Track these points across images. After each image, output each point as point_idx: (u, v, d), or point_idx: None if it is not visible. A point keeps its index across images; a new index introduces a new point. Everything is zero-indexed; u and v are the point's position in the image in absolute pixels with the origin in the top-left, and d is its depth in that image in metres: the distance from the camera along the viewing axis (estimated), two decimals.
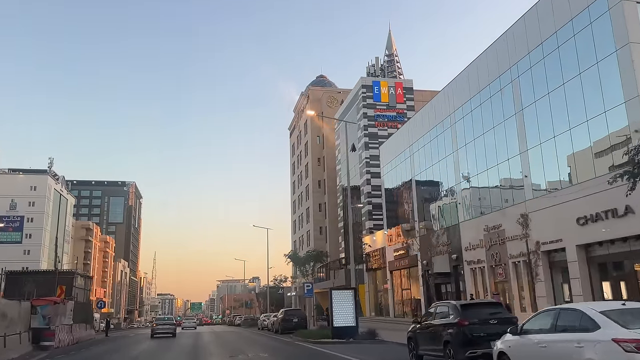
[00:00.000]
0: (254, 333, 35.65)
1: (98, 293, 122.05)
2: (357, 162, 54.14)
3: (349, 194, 25.68)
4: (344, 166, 58.55)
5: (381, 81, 53.62)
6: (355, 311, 21.20)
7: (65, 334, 23.43)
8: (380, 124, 52.70)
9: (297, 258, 40.88)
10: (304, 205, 73.53)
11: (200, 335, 35.89)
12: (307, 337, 22.39)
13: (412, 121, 38.18)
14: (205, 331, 46.85)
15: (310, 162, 70.22)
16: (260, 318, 42.44)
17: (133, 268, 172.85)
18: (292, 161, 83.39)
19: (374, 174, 51.59)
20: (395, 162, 41.14)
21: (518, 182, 25.51)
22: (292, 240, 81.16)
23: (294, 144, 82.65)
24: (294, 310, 32.91)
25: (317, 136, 70.31)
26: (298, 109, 79.20)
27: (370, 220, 50.49)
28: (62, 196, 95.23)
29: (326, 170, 67.65)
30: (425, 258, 34.79)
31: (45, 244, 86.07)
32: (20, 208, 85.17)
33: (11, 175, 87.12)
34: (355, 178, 54.73)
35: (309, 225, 69.92)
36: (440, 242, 32.82)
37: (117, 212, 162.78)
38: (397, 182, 40.95)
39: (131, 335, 39.63)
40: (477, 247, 28.41)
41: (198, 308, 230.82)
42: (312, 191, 68.76)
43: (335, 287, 22.37)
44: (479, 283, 29.09)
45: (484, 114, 28.39)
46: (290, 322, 30.29)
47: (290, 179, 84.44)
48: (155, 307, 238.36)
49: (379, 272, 45.35)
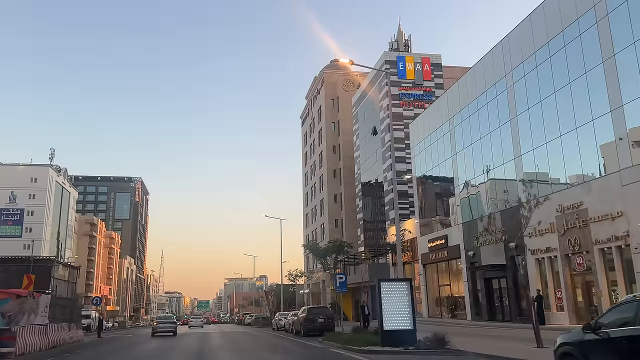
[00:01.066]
0: (269, 335, 30.14)
1: (103, 290, 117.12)
2: (379, 146, 48.60)
3: (393, 160, 20.03)
4: (364, 151, 53.07)
5: (406, 56, 48.01)
6: (413, 310, 15.68)
7: (36, 337, 18.05)
8: (406, 104, 47.13)
9: (317, 249, 35.25)
10: (317, 197, 68.07)
11: (208, 336, 30.50)
12: (347, 343, 16.88)
13: (454, 89, 32.59)
14: (214, 331, 41.46)
15: (324, 151, 64.74)
16: (275, 317, 36.87)
17: (140, 265, 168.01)
18: (305, 151, 77.92)
19: (399, 159, 45.93)
20: (430, 139, 35.54)
21: (609, 148, 19.85)
22: (305, 234, 75.67)
23: (306, 133, 77.19)
24: (319, 309, 27.37)
25: (332, 123, 64.81)
26: (311, 96, 73.73)
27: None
28: (64, 189, 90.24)
29: (342, 159, 62.18)
30: (471, 248, 29.23)
31: (46, 238, 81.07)
32: (20, 200, 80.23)
33: (11, 167, 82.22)
34: (377, 164, 49.23)
35: (323, 217, 64.44)
36: (491, 228, 27.20)
37: (124, 208, 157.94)
38: (431, 162, 35.34)
39: (129, 335, 34.26)
40: (545, 232, 22.82)
41: (205, 306, 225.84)
42: (327, 181, 63.28)
43: (385, 279, 16.84)
44: (547, 276, 23.50)
45: (556, 67, 22.78)
46: (315, 322, 24.78)
47: (302, 170, 78.97)
48: (163, 305, 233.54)
49: (407, 266, 39.80)
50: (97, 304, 37.68)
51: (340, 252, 34.51)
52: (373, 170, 50.12)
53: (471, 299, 29.34)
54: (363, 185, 53.06)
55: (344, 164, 61.85)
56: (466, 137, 30.28)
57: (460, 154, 31.07)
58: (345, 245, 34.25)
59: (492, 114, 27.74)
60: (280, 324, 34.35)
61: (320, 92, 67.68)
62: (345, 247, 34.17)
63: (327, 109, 64.94)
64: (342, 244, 34.39)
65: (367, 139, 52.37)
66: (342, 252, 35.07)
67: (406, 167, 45.80)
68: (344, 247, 33.89)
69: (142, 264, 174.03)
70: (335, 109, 64.83)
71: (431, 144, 35.21)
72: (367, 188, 51.95)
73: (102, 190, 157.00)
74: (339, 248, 34.05)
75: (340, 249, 34.20)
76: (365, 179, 52.31)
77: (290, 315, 31.90)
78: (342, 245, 34.03)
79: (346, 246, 34.45)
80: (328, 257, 35.34)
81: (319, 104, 67.93)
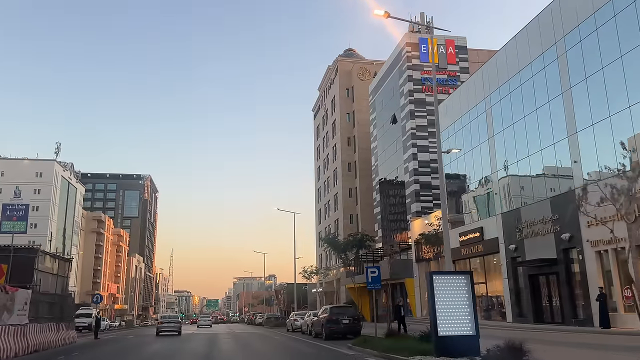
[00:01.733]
0: (286, 337, 26.80)
1: (111, 288, 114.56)
2: (399, 135, 45.14)
3: (439, 133, 16.57)
4: (382, 142, 49.65)
5: (429, 38, 44.38)
6: (474, 311, 12.30)
7: (10, 340, 14.88)
8: (429, 89, 43.64)
9: (336, 243, 31.91)
10: (331, 192, 64.72)
11: (217, 338, 27.29)
12: (388, 350, 13.53)
13: (491, 64, 29.05)
14: (223, 332, 38.25)
15: (338, 143, 61.38)
16: (290, 317, 33.48)
17: (148, 264, 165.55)
18: (317, 145, 74.58)
19: (422, 148, 42.61)
20: (462, 121, 32.00)
21: None
22: (317, 231, 72.34)
23: (318, 126, 73.85)
24: (343, 308, 23.88)
25: (346, 114, 61.43)
26: (323, 86, 70.37)
27: (418, 202, 41.45)
28: (70, 184, 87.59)
29: (358, 151, 58.80)
30: (512, 241, 25.72)
31: (52, 234, 78.35)
32: (25, 196, 77.64)
33: (16, 161, 79.62)
34: (396, 155, 45.78)
35: (337, 213, 61.09)
36: (538, 218, 23.72)
37: (132, 206, 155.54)
38: (463, 146, 31.78)
39: (129, 337, 31.07)
40: (609, 219, 19.27)
41: (214, 305, 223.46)
42: (341, 175, 59.91)
43: (438, 272, 13.49)
44: (612, 271, 19.95)
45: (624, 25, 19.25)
46: (338, 323, 21.41)
47: (315, 165, 75.62)
48: (172, 304, 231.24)
49: (433, 262, 36.30)
50: (97, 301, 34.54)
51: (362, 246, 31.28)
52: (392, 161, 46.70)
53: (512, 298, 25.84)
54: (381, 177, 49.61)
55: (359, 156, 58.50)
56: (506, 116, 26.77)
57: (499, 135, 27.55)
58: (367, 239, 31.01)
59: (539, 88, 24.22)
60: (296, 325, 31.03)
61: (334, 81, 64.34)
62: (367, 240, 30.94)
63: (341, 99, 61.59)
64: (363, 237, 31.16)
65: (385, 128, 48.99)
66: (364, 247, 31.82)
67: (430, 157, 42.44)
68: (365, 240, 30.67)
69: (150, 262, 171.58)
70: (350, 99, 61.45)
71: (464, 126, 31.71)
72: (385, 181, 48.52)
73: (110, 188, 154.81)
74: (360, 242, 30.84)
75: (362, 243, 30.99)
76: (384, 171, 48.87)
77: (307, 316, 28.52)
78: (363, 238, 30.80)
79: (368, 240, 31.21)
80: (348, 252, 32.10)
81: (333, 94, 64.58)
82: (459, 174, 33.22)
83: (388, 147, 47.92)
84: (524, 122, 25.38)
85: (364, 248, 32.80)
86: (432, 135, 42.84)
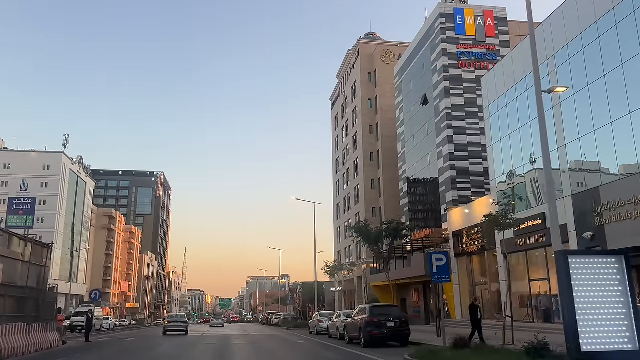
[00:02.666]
0: (313, 342, 22.23)
1: (122, 286, 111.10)
2: (431, 116, 40.38)
3: (536, 59, 11.67)
4: (410, 126, 44.91)
5: (465, 8, 39.69)
6: (636, 313, 7.71)
7: None
8: (465, 64, 38.85)
9: (368, 232, 27.20)
10: (351, 184, 60.08)
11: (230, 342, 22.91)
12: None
13: (556, 17, 24.07)
14: (236, 334, 33.87)
15: (360, 132, 56.73)
16: (314, 318, 28.77)
17: (161, 262, 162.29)
18: (335, 135, 69.99)
19: (458, 129, 37.80)
20: (515, 91, 27.11)
21: None
22: (336, 226, 67.78)
23: (337, 115, 69.27)
24: (387, 308, 19.12)
25: (368, 99, 56.76)
26: (343, 72, 65.80)
27: (454, 190, 36.63)
28: (79, 178, 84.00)
29: (380, 139, 54.11)
30: (588, 228, 20.85)
31: (59, 229, 74.78)
32: (32, 189, 74.09)
33: (22, 153, 76.16)
34: (428, 139, 41.04)
35: (359, 206, 56.45)
36: (626, 198, 18.87)
37: (145, 203, 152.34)
38: (517, 122, 26.93)
39: (129, 339, 26.62)
40: None
41: (228, 304, 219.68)
42: (363, 165, 55.24)
43: (575, 252, 8.98)
44: None
45: None
46: (382, 327, 16.78)
47: (333, 157, 71.03)
48: (185, 303, 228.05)
49: (476, 257, 31.52)
50: (96, 298, 30.33)
51: (397, 236, 26.63)
52: (422, 146, 41.95)
53: None
54: (408, 166, 44.85)
55: (382, 145, 53.81)
56: (578, 78, 21.91)
57: (567, 102, 22.68)
58: (403, 228, 26.34)
59: (625, 39, 19.35)
60: (321, 327, 26.47)
61: (354, 66, 59.74)
62: (402, 229, 26.27)
63: (362, 84, 56.93)
64: (399, 225, 26.46)
65: (413, 111, 44.25)
66: (399, 236, 27.15)
67: (467, 140, 37.68)
68: (401, 229, 26.00)
69: (163, 260, 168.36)
70: (372, 84, 56.78)
71: (517, 97, 26.82)
72: (414, 169, 43.74)
73: (123, 185, 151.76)
74: (395, 231, 26.18)
75: (397, 232, 26.32)
76: (412, 158, 44.11)
77: (336, 317, 23.91)
78: (399, 227, 26.12)
79: (404, 229, 26.54)
80: (380, 243, 27.51)
81: (353, 79, 59.97)
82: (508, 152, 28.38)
83: (417, 132, 43.18)
84: (603, 83, 20.51)
85: (399, 238, 28.13)
86: (469, 116, 38.09)
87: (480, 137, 37.59)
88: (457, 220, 33.20)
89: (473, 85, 38.52)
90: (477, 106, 38.12)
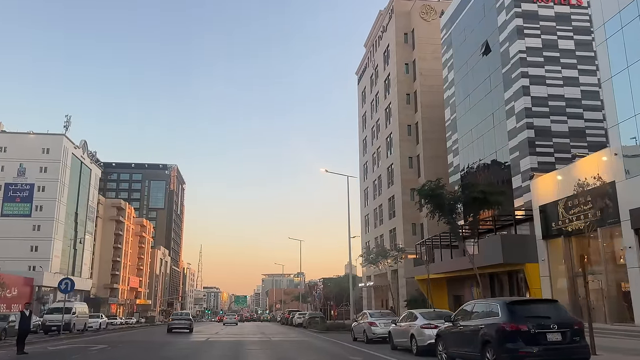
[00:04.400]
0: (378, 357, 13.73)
1: (132, 282, 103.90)
2: (497, 66, 31.74)
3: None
4: (464, 85, 36.28)
5: None
6: None
7: None
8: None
9: (441, 196, 18.48)
10: (383, 164, 51.60)
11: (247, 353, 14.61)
12: None
13: None
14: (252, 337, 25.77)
15: (394, 102, 48.23)
16: (361, 321, 19.97)
17: (175, 257, 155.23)
18: (362, 113, 61.53)
19: (536, 79, 29.12)
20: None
21: None
22: (363, 215, 59.31)
23: (364, 89, 60.79)
24: (539, 305, 10.19)
25: (404, 64, 48.19)
26: (372, 38, 57.33)
27: (532, 154, 27.93)
28: (83, 164, 76.75)
29: (420, 109, 45.51)
30: None
31: (59, 218, 67.56)
32: (30, 174, 66.99)
33: (20, 135, 68.96)
34: (492, 96, 32.45)
35: (393, 188, 47.97)
36: None
37: (158, 197, 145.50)
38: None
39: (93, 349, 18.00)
40: None
41: (243, 302, 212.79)
42: (399, 141, 46.71)
43: None
44: None
45: None
46: (538, 341, 8.50)
47: (360, 137, 62.57)
48: (200, 300, 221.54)
49: (578, 239, 22.82)
50: (66, 289, 22.35)
51: (486, 203, 18.16)
52: (482, 107, 33.36)
53: None
54: (462, 133, 36.27)
55: (422, 115, 45.22)
56: None
57: None
58: (497, 193, 17.80)
59: None
60: (375, 333, 18.13)
61: (387, 28, 51.22)
62: (497, 194, 17.71)
63: (397, 47, 48.37)
64: (490, 191, 17.87)
65: (469, 65, 35.65)
66: (491, 205, 18.66)
67: (547, 92, 29.00)
68: (495, 194, 17.45)
69: (177, 256, 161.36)
70: (409, 46, 48.21)
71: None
72: (469, 136, 35.15)
73: (136, 178, 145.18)
74: (483, 200, 17.62)
75: (485, 200, 17.77)
76: (467, 123, 35.55)
77: (405, 319, 15.48)
78: (491, 191, 17.55)
79: (498, 195, 17.98)
80: (455, 214, 19.07)
81: (386, 43, 51.45)
82: None
83: (474, 91, 34.58)
84: None
85: (490, 207, 19.47)
86: (550, 62, 29.39)
87: (565, 88, 29.04)
88: (547, 191, 24.53)
89: (552, 24, 29.88)
90: (558, 50, 29.53)
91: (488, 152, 32.51)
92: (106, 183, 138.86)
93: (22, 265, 61.21)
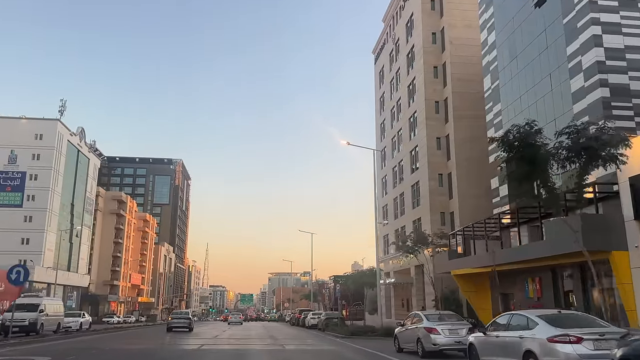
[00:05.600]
0: None
1: (134, 279, 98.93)
2: (556, 16, 26.04)
3: None
4: (510, 46, 30.60)
5: None
6: None
7: None
8: None
9: (536, 146, 12.82)
10: (405, 148, 45.99)
11: None
12: None
13: None
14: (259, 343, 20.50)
15: (420, 76, 42.60)
16: (410, 324, 14.40)
17: (180, 254, 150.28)
18: (380, 94, 55.93)
19: (610, 27, 23.48)
20: None
21: None
22: (382, 205, 53.60)
23: (382, 68, 55.19)
24: None
25: (431, 34, 42.60)
26: (392, 12, 51.75)
27: (607, 117, 22.17)
28: (80, 152, 71.72)
29: (451, 83, 39.87)
30: None
31: (53, 209, 62.56)
32: (21, 162, 62.06)
33: (11, 120, 63.90)
34: (548, 53, 26.76)
35: (418, 174, 42.37)
36: None
37: (163, 192, 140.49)
38: None
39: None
40: None
41: (249, 300, 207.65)
42: (425, 119, 41.09)
43: None
44: None
45: None
46: None
47: (377, 120, 56.97)
48: (205, 299, 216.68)
49: None
50: (18, 280, 17.11)
51: (596, 158, 12.51)
52: (535, 68, 27.70)
53: None
54: (508, 103, 30.58)
55: (452, 90, 39.58)
56: None
57: None
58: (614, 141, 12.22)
59: None
60: (435, 344, 12.64)
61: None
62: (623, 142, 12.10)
63: (423, 14, 42.80)
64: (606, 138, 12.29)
65: (515, 22, 29.99)
66: (611, 159, 12.87)
67: (624, 42, 23.40)
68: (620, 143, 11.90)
69: (182, 253, 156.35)
70: (437, 13, 42.61)
71: None
72: (518, 104, 29.46)
73: (140, 173, 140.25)
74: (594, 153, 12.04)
75: (594, 155, 12.21)
76: (514, 91, 29.89)
77: (499, 326, 9.96)
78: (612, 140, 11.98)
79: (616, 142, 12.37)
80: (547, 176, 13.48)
81: (409, 12, 45.86)
82: None
83: (523, 51, 28.92)
84: None
85: (604, 164, 13.44)
86: (626, 6, 23.71)
87: None
88: (639, 159, 18.84)
89: None
90: None
91: (544, 121, 26.70)
92: (110, 178, 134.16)
93: (12, 259, 55.78)
